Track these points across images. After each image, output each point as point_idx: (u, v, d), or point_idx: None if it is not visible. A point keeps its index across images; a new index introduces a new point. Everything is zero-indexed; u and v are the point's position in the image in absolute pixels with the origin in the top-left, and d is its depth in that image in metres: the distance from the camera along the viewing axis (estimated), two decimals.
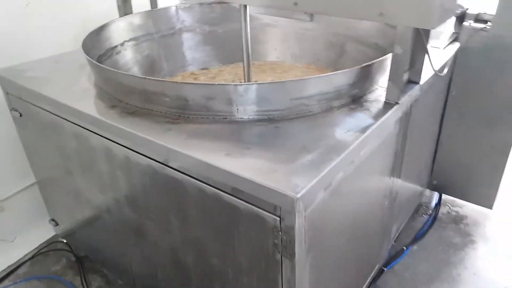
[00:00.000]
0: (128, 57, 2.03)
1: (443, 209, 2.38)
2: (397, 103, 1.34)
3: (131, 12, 2.14)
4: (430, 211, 2.36)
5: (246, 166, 1.05)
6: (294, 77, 2.12)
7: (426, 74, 1.53)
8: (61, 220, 2.11)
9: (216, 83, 1.22)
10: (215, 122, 1.28)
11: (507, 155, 2.05)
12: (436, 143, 2.15)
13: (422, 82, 1.49)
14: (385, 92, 1.38)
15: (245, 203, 1.06)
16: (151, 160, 1.27)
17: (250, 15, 1.68)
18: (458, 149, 2.13)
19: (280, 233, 1.02)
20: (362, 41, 1.99)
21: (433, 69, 1.48)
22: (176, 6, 2.24)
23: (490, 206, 2.23)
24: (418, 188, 2.17)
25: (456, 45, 1.88)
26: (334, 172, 1.08)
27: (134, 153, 1.31)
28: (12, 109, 1.81)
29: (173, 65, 2.25)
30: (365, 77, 1.37)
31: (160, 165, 1.24)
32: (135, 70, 2.04)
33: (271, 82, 1.28)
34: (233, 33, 2.25)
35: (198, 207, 1.22)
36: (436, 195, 2.42)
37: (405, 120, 1.51)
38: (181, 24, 2.27)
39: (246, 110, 1.27)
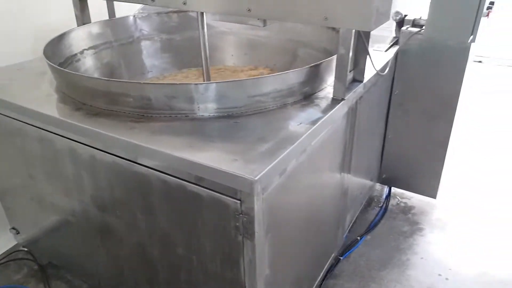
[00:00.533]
0: (88, 65, 2.08)
1: (393, 201, 2.56)
2: (343, 99, 1.48)
3: (89, 21, 2.19)
4: (381, 204, 2.54)
5: (208, 156, 1.15)
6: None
7: (369, 73, 1.68)
8: (22, 228, 2.10)
9: (178, 83, 1.30)
10: (177, 119, 1.37)
11: (446, 148, 2.25)
12: (383, 138, 2.33)
13: (365, 80, 1.64)
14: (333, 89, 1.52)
15: (208, 191, 1.15)
16: (116, 157, 1.33)
17: (207, 23, 1.79)
18: (403, 144, 2.32)
19: (241, 215, 1.12)
20: (312, 46, 2.14)
21: (375, 68, 1.64)
22: (134, 15, 2.32)
23: (434, 196, 2.43)
24: (369, 181, 2.34)
25: (396, 48, 2.07)
26: (288, 159, 1.19)
27: (99, 151, 1.38)
28: None
29: (133, 72, 2.32)
30: (314, 76, 1.51)
31: (125, 162, 1.31)
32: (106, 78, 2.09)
33: (229, 81, 1.38)
34: (191, 41, 2.36)
35: (163, 199, 1.30)
36: (386, 188, 2.60)
37: (352, 115, 1.66)
38: (140, 32, 2.34)
39: (207, 107, 1.37)
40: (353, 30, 1.42)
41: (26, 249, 2.23)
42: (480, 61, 5.47)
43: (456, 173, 2.85)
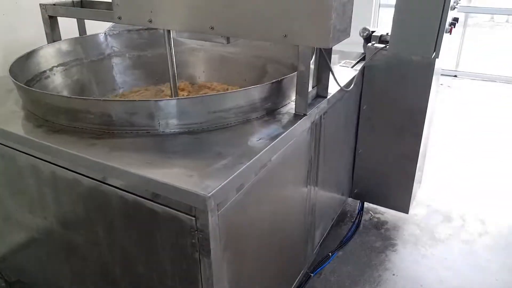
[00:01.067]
0: (57, 82, 2.07)
1: (365, 216, 2.58)
2: (305, 114, 1.50)
3: (59, 39, 2.19)
4: (354, 219, 2.55)
5: (164, 172, 1.15)
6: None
7: (334, 89, 1.71)
8: None
9: (138, 100, 1.31)
10: (139, 136, 1.37)
11: (416, 162, 2.28)
12: (353, 153, 2.36)
13: (329, 96, 1.67)
14: None
15: (164, 207, 1.15)
16: (76, 174, 1.32)
17: (176, 40, 1.80)
18: (374, 158, 2.35)
19: (196, 232, 1.12)
20: (280, 62, 2.17)
21: (338, 84, 1.67)
22: (105, 33, 2.33)
23: (406, 211, 2.45)
24: (340, 196, 2.35)
25: (362, 63, 2.11)
26: (245, 174, 1.20)
27: (60, 168, 1.37)
28: None
29: (104, 89, 2.32)
30: (277, 92, 1.53)
31: (85, 178, 1.30)
32: (65, 94, 2.08)
33: (190, 97, 1.39)
34: (161, 57, 2.35)
35: (122, 217, 1.29)
36: (359, 203, 2.62)
37: (316, 130, 1.68)
38: (111, 49, 2.35)
39: (168, 124, 1.37)
40: (313, 47, 1.45)
41: None
42: (455, 76, 5.59)
43: (430, 186, 2.89)
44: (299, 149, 1.59)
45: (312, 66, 1.58)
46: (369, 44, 2.10)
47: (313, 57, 1.59)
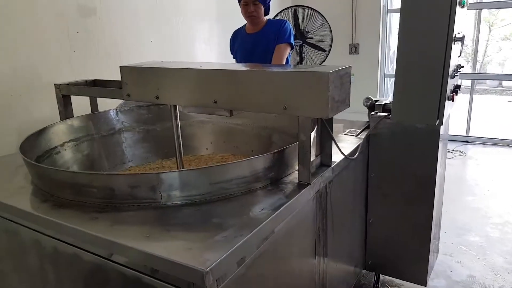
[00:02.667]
0: (68, 157, 2.12)
1: None
2: (308, 183, 1.49)
3: (72, 116, 2.28)
4: None
5: (163, 246, 1.13)
6: None
7: (338, 157, 1.71)
8: None
9: (139, 173, 1.32)
10: (141, 209, 1.37)
11: (430, 230, 2.21)
12: (365, 222, 2.29)
13: (333, 165, 1.67)
14: None
15: (163, 283, 1.11)
16: (76, 249, 1.30)
17: (185, 114, 1.86)
18: (386, 227, 2.28)
19: None
20: (286, 132, 2.20)
21: (342, 152, 1.67)
22: (116, 109, 2.42)
23: (424, 283, 2.32)
24: (352, 268, 2.25)
25: (367, 132, 2.12)
26: (247, 247, 1.16)
27: (61, 243, 1.35)
28: None
29: (113, 162, 2.36)
30: (280, 161, 1.53)
31: (84, 253, 1.28)
32: (74, 169, 2.12)
33: (191, 169, 1.40)
34: (170, 131, 2.41)
35: None
36: (374, 276, 2.50)
37: (322, 199, 1.65)
38: (121, 124, 2.42)
39: (170, 196, 1.37)
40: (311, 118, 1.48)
41: None
42: (467, 141, 5.57)
43: (448, 255, 2.76)
44: (304, 219, 1.56)
45: (315, 135, 1.60)
46: (373, 113, 2.13)
47: (316, 126, 1.62)
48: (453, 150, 5.15)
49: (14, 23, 2.41)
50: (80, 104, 2.36)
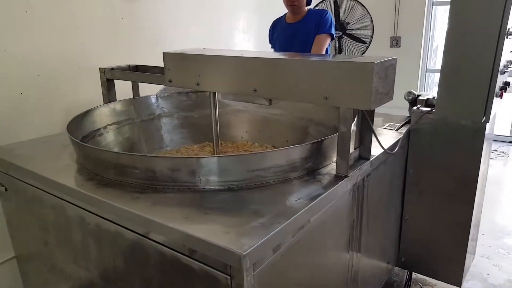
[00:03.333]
0: (110, 139, 2.19)
1: None
2: (346, 176, 1.48)
3: (115, 100, 2.35)
4: None
5: (202, 228, 1.15)
6: None
7: (377, 151, 1.69)
8: None
9: (180, 156, 1.35)
10: (180, 191, 1.40)
11: (468, 231, 2.15)
12: (400, 219, 2.26)
13: (372, 158, 1.65)
14: None
15: (200, 264, 1.14)
16: (119, 227, 1.35)
17: (222, 102, 1.88)
18: (422, 225, 2.23)
19: None
20: (323, 124, 2.19)
21: (381, 146, 1.65)
22: (157, 95, 2.47)
23: (459, 284, 2.27)
24: (385, 264, 2.23)
25: (408, 127, 2.08)
26: (283, 234, 1.17)
27: (104, 220, 1.41)
28: None
29: (151, 146, 2.41)
30: (317, 152, 1.53)
31: (126, 231, 1.33)
32: (115, 150, 2.19)
33: (230, 155, 1.42)
34: (207, 118, 2.45)
35: (159, 271, 1.29)
36: (406, 273, 2.46)
37: (359, 193, 1.64)
38: (160, 110, 2.48)
39: (208, 180, 1.40)
40: (355, 109, 1.46)
41: None
42: (510, 142, 5.36)
43: (485, 257, 2.68)
44: (340, 211, 1.55)
45: (354, 128, 1.59)
46: (415, 108, 2.08)
47: (356, 118, 1.60)
48: (496, 150, 4.96)
49: (64, 8, 2.50)
50: (122, 89, 2.42)
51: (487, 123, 1.91)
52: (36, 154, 1.84)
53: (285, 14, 3.27)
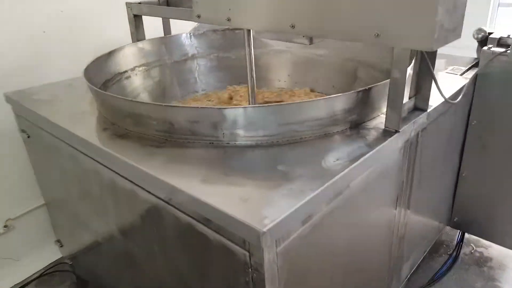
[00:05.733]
0: (138, 83, 2.03)
1: (465, 249, 2.19)
2: (397, 131, 1.24)
3: (143, 38, 2.16)
4: (451, 251, 2.17)
5: (218, 193, 0.99)
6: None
7: (436, 100, 1.42)
8: (65, 241, 2.10)
9: (199, 106, 1.16)
10: (201, 146, 1.23)
11: None
12: (456, 176, 2.00)
13: (430, 109, 1.38)
14: None
15: (216, 234, 0.99)
16: (133, 185, 1.22)
17: (262, 41, 1.64)
18: (482, 184, 1.97)
19: (250, 270, 0.93)
20: (374, 67, 1.91)
21: (442, 95, 1.37)
22: (190, 33, 2.25)
23: None
24: (435, 224, 2.01)
25: (475, 71, 1.76)
26: (315, 203, 0.99)
27: (119, 176, 1.27)
28: (21, 130, 1.84)
29: (185, 90, 2.25)
30: (363, 102, 1.28)
31: (141, 190, 1.19)
32: (144, 96, 2.04)
33: (257, 106, 1.21)
34: (245, 59, 2.24)
35: (175, 235, 1.16)
36: (458, 234, 2.23)
37: (411, 150, 1.40)
38: (194, 50, 2.27)
39: (233, 134, 1.21)
40: (413, 50, 1.19)
41: (70, 262, 2.22)
42: None
43: None
44: (388, 172, 1.33)
45: (410, 72, 1.32)
46: (485, 48, 1.74)
47: (413, 61, 1.32)
48: None
49: None
50: (153, 27, 2.22)
51: None
52: (55, 98, 1.71)
53: None
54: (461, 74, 1.76)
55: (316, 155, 1.14)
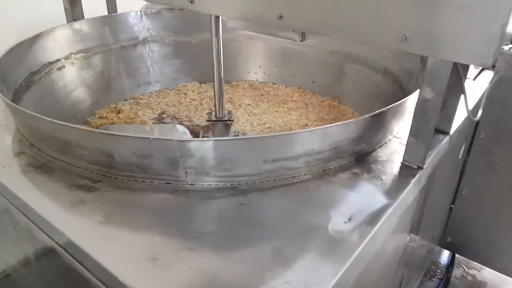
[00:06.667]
0: (73, 75, 1.61)
1: (456, 272, 1.95)
2: (420, 167, 0.92)
3: (82, 18, 1.71)
4: (440, 274, 1.93)
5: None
6: (278, 103, 1.71)
7: (457, 119, 1.12)
8: None
9: (151, 137, 0.79)
10: (154, 189, 0.86)
11: None
12: (454, 194, 1.74)
13: (452, 131, 1.08)
14: (401, 145, 0.97)
15: None
16: (54, 242, 0.84)
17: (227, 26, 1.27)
18: (482, 202, 1.71)
19: None
20: (367, 63, 1.59)
21: (469, 115, 1.06)
22: (141, 11, 1.82)
23: None
24: (430, 246, 1.75)
25: (489, 74, 1.47)
26: None
27: (35, 226, 0.89)
28: None
29: (136, 82, 1.84)
30: (377, 127, 0.96)
31: (63, 252, 0.81)
32: (82, 91, 1.62)
33: (235, 139, 0.86)
34: (210, 44, 1.86)
35: None
36: (449, 255, 2.00)
37: (428, 182, 1.09)
38: (146, 32, 1.85)
39: (200, 174, 0.85)
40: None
41: None
42: None
43: None
44: (403, 217, 1.02)
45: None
46: (505, 48, 1.44)
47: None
48: None
49: None
50: (95, 3, 1.77)
51: None
52: None
53: None
54: (474, 79, 1.47)
55: (317, 208, 0.81)
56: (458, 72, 0.96)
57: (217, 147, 0.81)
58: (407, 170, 0.92)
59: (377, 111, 0.90)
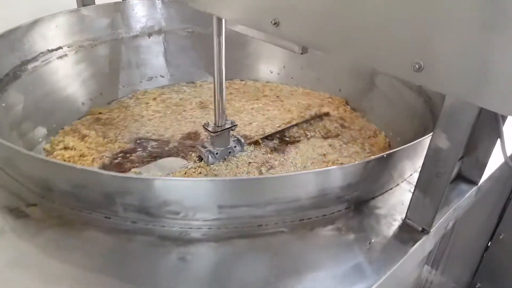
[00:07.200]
0: (65, 71, 1.48)
1: None
2: (425, 230, 0.72)
3: (93, 3, 1.60)
4: None
5: None
6: (288, 112, 1.51)
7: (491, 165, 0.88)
8: None
9: (78, 167, 0.64)
10: (88, 223, 0.71)
11: None
12: (490, 237, 1.48)
13: (482, 180, 0.85)
14: (411, 193, 0.76)
15: None
16: None
17: None
18: None
19: None
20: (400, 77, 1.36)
21: (507, 161, 0.82)
22: None
23: None
24: None
25: None
26: None
27: None
28: None
29: (146, 75, 1.72)
30: (380, 170, 0.76)
31: None
32: (76, 86, 1.50)
33: (188, 180, 0.70)
34: (232, 36, 1.70)
35: None
36: None
37: (443, 243, 0.88)
38: (162, 22, 1.72)
39: (141, 213, 0.70)
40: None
41: None
42: None
43: None
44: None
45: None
46: None
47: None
48: None
49: None
50: None
51: None
52: None
53: None
54: None
55: (298, 272, 0.63)
56: (496, 116, 0.74)
57: (162, 187, 0.65)
58: (408, 232, 0.71)
59: (372, 157, 0.70)
